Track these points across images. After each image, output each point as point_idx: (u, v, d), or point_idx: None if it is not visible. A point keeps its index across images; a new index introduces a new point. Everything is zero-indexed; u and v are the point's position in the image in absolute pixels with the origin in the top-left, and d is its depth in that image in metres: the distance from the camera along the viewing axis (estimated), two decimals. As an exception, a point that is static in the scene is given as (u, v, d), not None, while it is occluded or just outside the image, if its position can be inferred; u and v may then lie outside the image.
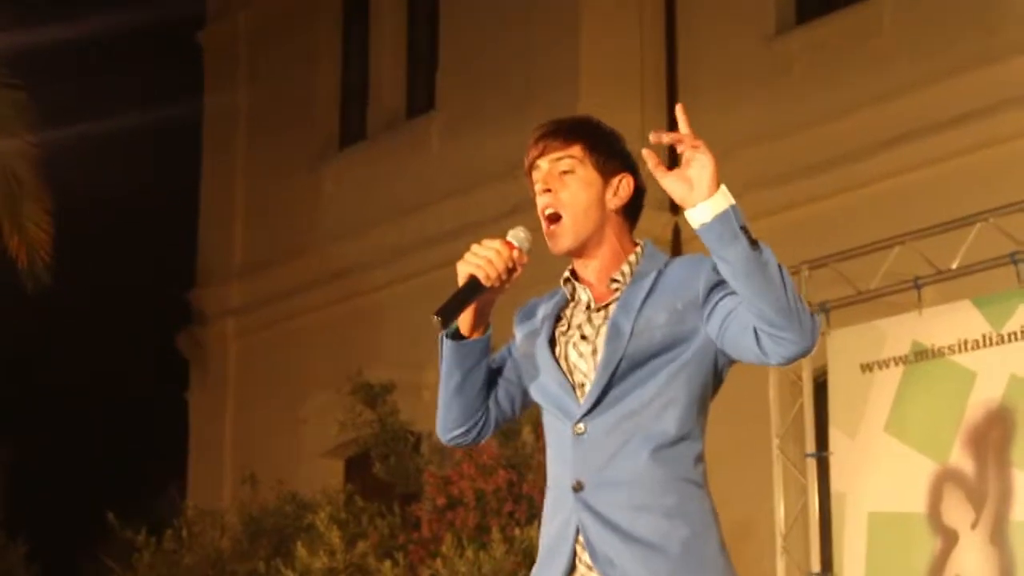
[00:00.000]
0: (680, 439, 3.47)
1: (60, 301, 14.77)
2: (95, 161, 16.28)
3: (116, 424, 20.34)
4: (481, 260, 3.47)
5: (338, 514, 10.00)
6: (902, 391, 8.47)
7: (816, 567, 8.94)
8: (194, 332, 16.03)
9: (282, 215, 15.28)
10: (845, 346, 8.87)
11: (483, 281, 3.45)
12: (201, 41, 17.36)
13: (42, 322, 18.31)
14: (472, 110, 13.52)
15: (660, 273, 3.54)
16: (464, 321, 3.54)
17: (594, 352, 3.48)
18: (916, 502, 8.29)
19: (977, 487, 8.04)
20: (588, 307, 3.58)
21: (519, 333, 3.70)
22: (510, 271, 3.50)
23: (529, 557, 9.12)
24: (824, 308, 9.04)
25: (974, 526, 8.03)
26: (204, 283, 16.16)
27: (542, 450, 9.78)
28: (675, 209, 12.57)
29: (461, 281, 3.47)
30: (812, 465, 9.07)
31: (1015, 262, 8.15)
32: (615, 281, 3.55)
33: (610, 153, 3.59)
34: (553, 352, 3.55)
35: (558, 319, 3.61)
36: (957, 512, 8.12)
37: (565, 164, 3.55)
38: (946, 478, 8.20)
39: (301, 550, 9.64)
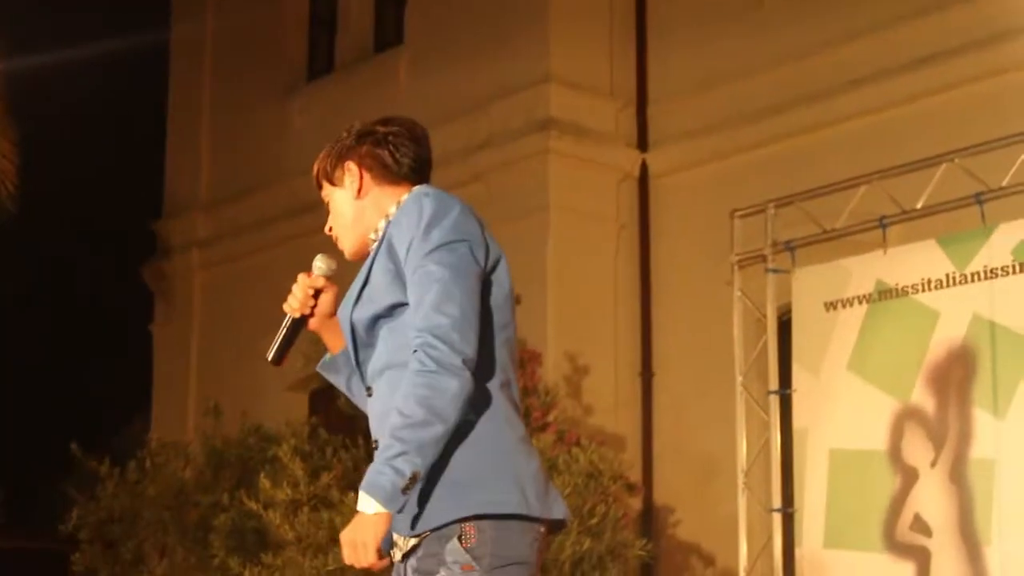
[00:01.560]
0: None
1: (25, 233, 14.68)
2: (61, 91, 16.14)
3: (82, 356, 20.29)
4: (291, 298, 3.85)
5: (302, 446, 9.98)
6: (865, 329, 8.50)
7: (777, 503, 8.98)
8: (159, 264, 15.96)
9: (249, 147, 15.19)
10: (810, 284, 8.88)
11: (289, 313, 3.84)
12: (168, -29, 17.18)
13: (7, 254, 18.20)
14: (440, 45, 13.42)
15: (386, 231, 3.68)
16: (329, 343, 3.89)
17: None
18: (877, 439, 8.33)
19: (937, 425, 8.08)
20: None
21: None
22: (315, 295, 3.85)
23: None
24: (790, 246, 9.05)
25: (934, 464, 8.07)
26: (170, 214, 16.06)
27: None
28: (642, 146, 12.56)
29: (285, 323, 3.87)
30: (775, 402, 9.11)
31: (979, 202, 8.16)
32: (374, 241, 3.78)
33: (332, 166, 3.84)
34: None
35: None
36: (917, 450, 8.16)
37: (324, 196, 3.89)
38: (907, 416, 8.24)
39: (264, 481, 9.62)
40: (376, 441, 3.58)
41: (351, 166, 3.79)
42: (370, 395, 3.66)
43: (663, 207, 12.31)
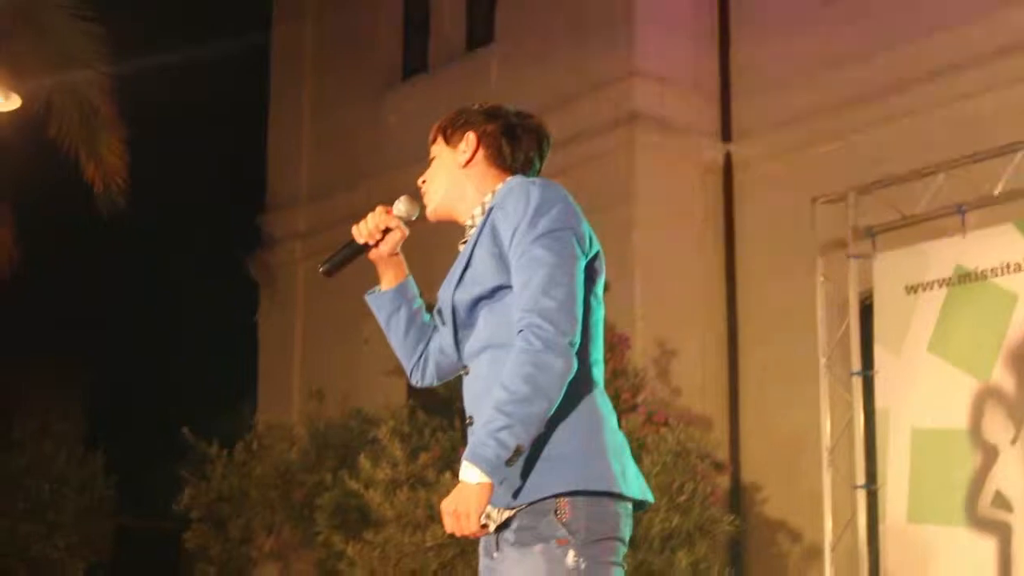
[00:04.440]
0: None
1: (135, 227, 14.87)
2: (168, 91, 16.33)
3: (190, 345, 20.52)
4: (360, 224, 3.90)
5: (401, 428, 10.06)
6: (945, 312, 8.45)
7: (861, 480, 8.95)
8: (263, 256, 16.11)
9: (346, 143, 15.29)
10: (891, 269, 8.84)
11: (356, 238, 3.88)
12: (268, -24, 17.35)
13: (119, 248, 18.46)
14: (529, 43, 13.45)
15: (490, 211, 3.67)
16: (383, 278, 3.96)
17: None
18: (958, 418, 8.29)
19: (1017, 404, 8.02)
20: None
21: None
22: (384, 232, 3.88)
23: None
24: (871, 233, 9.01)
25: (1014, 441, 8.02)
26: (273, 208, 16.21)
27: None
28: (726, 137, 12.52)
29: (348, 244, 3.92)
30: (858, 383, 9.08)
31: (1057, 187, 8.09)
32: (471, 227, 3.78)
33: (456, 126, 3.85)
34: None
35: None
36: (998, 428, 8.11)
37: (432, 153, 3.89)
38: (987, 395, 8.18)
39: (365, 462, 9.71)
40: (471, 418, 3.61)
41: (471, 136, 3.81)
42: (466, 373, 3.68)
43: (747, 197, 12.28)
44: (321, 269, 3.90)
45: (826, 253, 9.40)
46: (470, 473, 3.34)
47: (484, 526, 3.47)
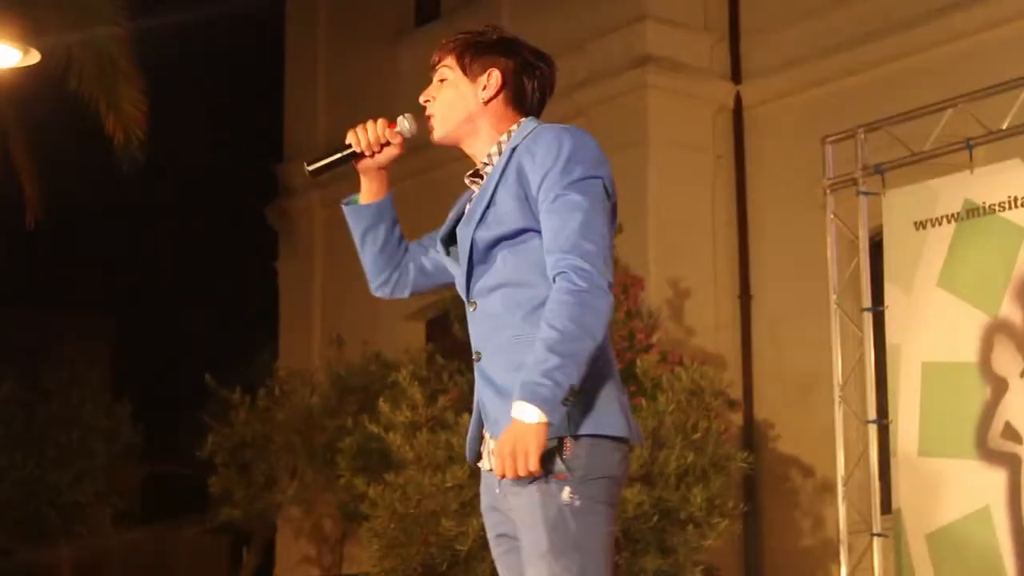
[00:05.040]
0: (542, 303, 3.47)
1: (156, 179, 14.91)
2: (185, 45, 16.33)
3: (211, 293, 20.61)
4: (358, 131, 3.81)
5: (420, 372, 10.10)
6: (954, 247, 8.44)
7: (872, 415, 8.98)
8: (282, 204, 16.14)
9: (362, 91, 15.28)
10: (900, 205, 8.83)
11: (353, 145, 3.79)
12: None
13: (140, 200, 18.51)
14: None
15: (512, 153, 3.62)
16: (362, 190, 3.88)
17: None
18: (967, 352, 8.29)
19: (1026, 337, 8.03)
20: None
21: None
22: (383, 145, 3.80)
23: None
24: (879, 169, 8.99)
25: (1023, 374, 8.03)
26: (290, 157, 16.23)
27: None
28: (736, 78, 12.50)
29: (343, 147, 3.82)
30: (868, 319, 9.08)
31: (1064, 121, 8.07)
32: (486, 165, 3.72)
33: (478, 54, 3.75)
34: (447, 245, 3.79)
35: (463, 213, 3.77)
36: (1007, 361, 8.12)
37: (441, 75, 3.79)
38: (996, 329, 8.18)
39: (385, 406, 9.76)
40: (478, 353, 3.60)
41: (496, 74, 3.73)
42: (472, 309, 3.63)
43: (757, 136, 12.27)
44: (309, 168, 3.84)
45: (836, 191, 9.38)
46: (528, 413, 3.29)
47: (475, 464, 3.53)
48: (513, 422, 3.31)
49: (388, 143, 3.81)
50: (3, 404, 14.72)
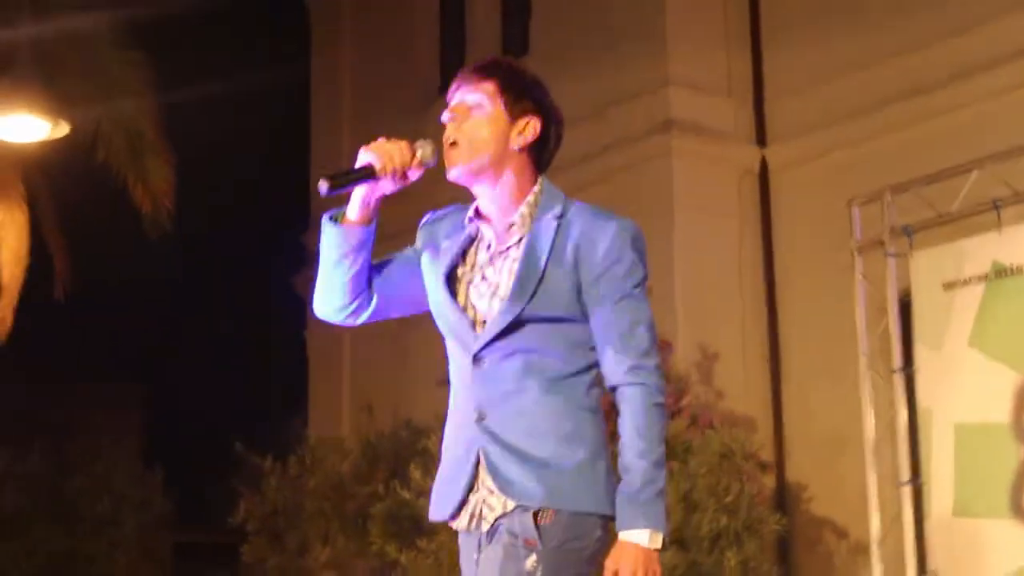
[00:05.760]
0: (579, 372, 3.46)
1: (185, 249, 14.96)
2: (212, 119, 16.43)
3: (241, 362, 20.63)
4: (383, 151, 3.51)
5: (450, 438, 10.07)
6: (984, 307, 8.40)
7: (906, 476, 8.90)
8: (310, 273, 16.14)
9: (388, 162, 15.32)
10: (928, 266, 8.79)
11: (377, 169, 3.49)
12: (307, 4, 17.46)
13: (169, 270, 18.58)
14: (563, 54, 13.44)
15: (560, 223, 3.48)
16: (352, 210, 3.57)
17: (493, 295, 3.50)
18: (1000, 412, 8.23)
19: (1059, 396, 7.96)
20: (489, 246, 3.57)
21: (422, 245, 3.72)
22: (404, 172, 3.52)
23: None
24: (908, 231, 8.97)
25: (1057, 434, 7.96)
26: (317, 226, 16.24)
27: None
28: (761, 142, 12.49)
29: (358, 164, 3.52)
30: (899, 380, 9.03)
31: (1091, 181, 8.03)
32: (512, 225, 3.52)
33: (521, 95, 3.52)
34: (451, 289, 3.57)
35: (463, 255, 3.60)
36: (1040, 421, 8.05)
37: (474, 99, 3.54)
38: (1028, 388, 8.12)
39: (415, 471, 9.73)
40: (482, 413, 3.46)
41: (536, 124, 3.54)
42: (478, 367, 3.47)
43: (783, 199, 12.25)
44: (324, 184, 3.48)
45: (864, 252, 9.36)
46: (654, 540, 3.31)
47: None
48: (636, 549, 3.28)
49: (409, 171, 3.55)
50: (31, 477, 14.73)
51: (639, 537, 3.27)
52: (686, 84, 12.46)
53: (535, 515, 3.34)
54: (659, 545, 3.30)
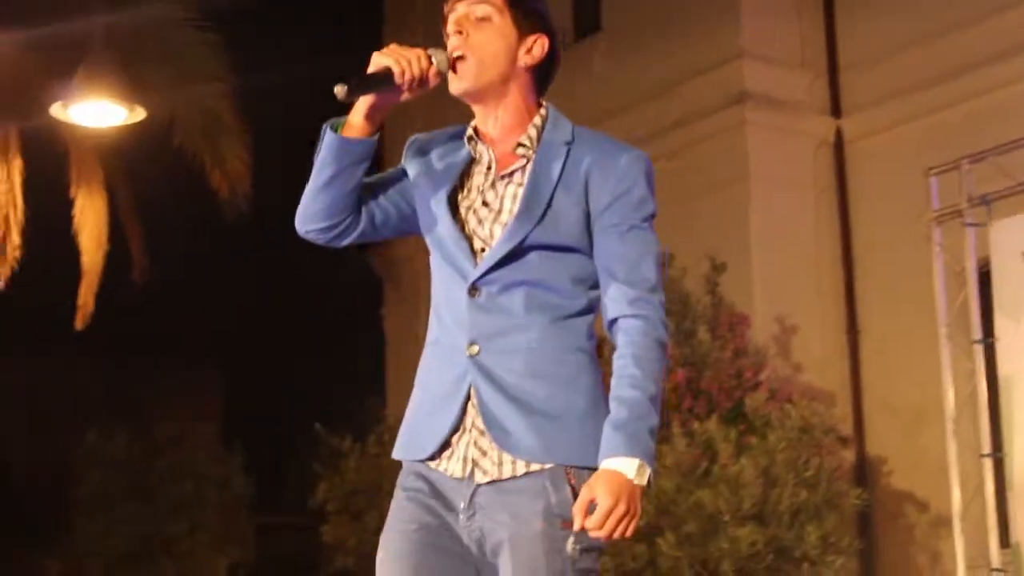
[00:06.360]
0: (581, 312, 3.22)
1: (261, 230, 15.07)
2: (288, 102, 16.54)
3: (318, 342, 20.77)
4: (402, 57, 3.21)
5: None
6: (1064, 276, 8.33)
7: (987, 448, 8.85)
8: (386, 252, 16.26)
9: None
10: (1007, 236, 8.72)
11: (396, 76, 3.20)
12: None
13: (245, 252, 18.73)
14: (635, 29, 13.44)
15: (570, 149, 3.26)
16: (357, 117, 3.29)
17: (495, 220, 3.25)
18: (1082, 381, 8.16)
19: None
20: (489, 168, 3.32)
21: (412, 167, 3.45)
22: (422, 80, 3.23)
23: (710, 448, 9.16)
24: (986, 200, 8.90)
25: None
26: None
27: (719, 348, 9.64)
28: (836, 112, 12.42)
29: (372, 69, 3.22)
30: (979, 351, 8.97)
31: None
32: (521, 146, 3.28)
33: (530, 10, 3.29)
34: (452, 212, 3.31)
35: (462, 178, 3.35)
36: (1123, 389, 7.98)
37: (482, 11, 3.28)
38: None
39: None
40: (475, 344, 3.20)
41: (545, 42, 3.31)
42: (475, 296, 3.21)
43: (859, 170, 12.18)
44: (342, 89, 3.16)
45: (941, 223, 9.29)
46: (642, 473, 3.01)
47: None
48: (619, 477, 2.99)
49: (425, 82, 3.25)
50: (115, 458, 14.96)
51: (625, 466, 2.98)
52: (759, 56, 12.42)
53: (566, 473, 3.08)
54: (645, 481, 2.99)
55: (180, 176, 12.71)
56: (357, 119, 3.28)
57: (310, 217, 3.39)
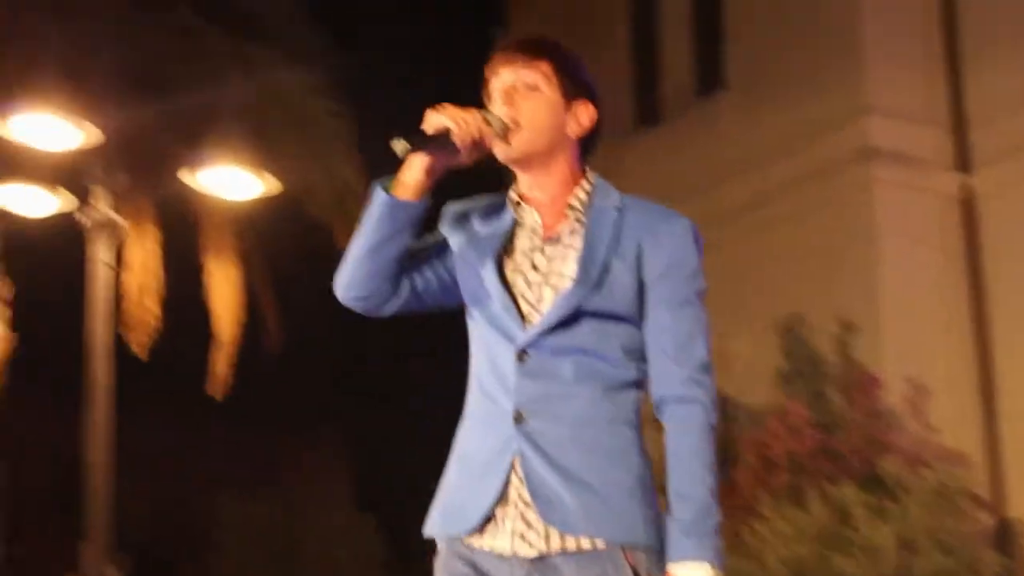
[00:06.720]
0: (630, 385, 3.15)
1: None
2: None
3: (443, 404, 20.88)
4: (460, 118, 3.13)
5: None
6: None
7: None
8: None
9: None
10: None
11: (455, 137, 3.11)
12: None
13: (370, 321, 18.89)
14: (759, 86, 13.39)
15: (621, 214, 3.20)
16: (412, 177, 3.17)
17: (544, 283, 3.17)
18: None
19: None
20: (535, 232, 3.24)
21: (453, 235, 3.34)
22: (480, 144, 3.16)
23: (844, 512, 9.04)
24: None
25: None
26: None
27: (850, 409, 9.52)
28: (965, 168, 12.28)
29: (431, 130, 3.13)
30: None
31: None
32: (572, 208, 3.22)
33: (576, 78, 3.26)
34: (499, 275, 3.20)
35: (507, 242, 3.25)
36: None
37: (530, 79, 3.22)
38: None
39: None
40: (522, 414, 3.09)
41: (592, 111, 3.29)
42: (522, 361, 3.12)
43: (991, 226, 12.02)
44: (400, 144, 3.09)
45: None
46: (711, 574, 3.00)
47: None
48: None
49: (482, 145, 3.19)
50: (254, 520, 15.19)
51: (697, 571, 2.96)
52: (885, 111, 12.32)
53: (625, 555, 3.02)
54: None
55: (309, 245, 12.86)
56: (411, 178, 3.16)
57: (355, 284, 3.27)
